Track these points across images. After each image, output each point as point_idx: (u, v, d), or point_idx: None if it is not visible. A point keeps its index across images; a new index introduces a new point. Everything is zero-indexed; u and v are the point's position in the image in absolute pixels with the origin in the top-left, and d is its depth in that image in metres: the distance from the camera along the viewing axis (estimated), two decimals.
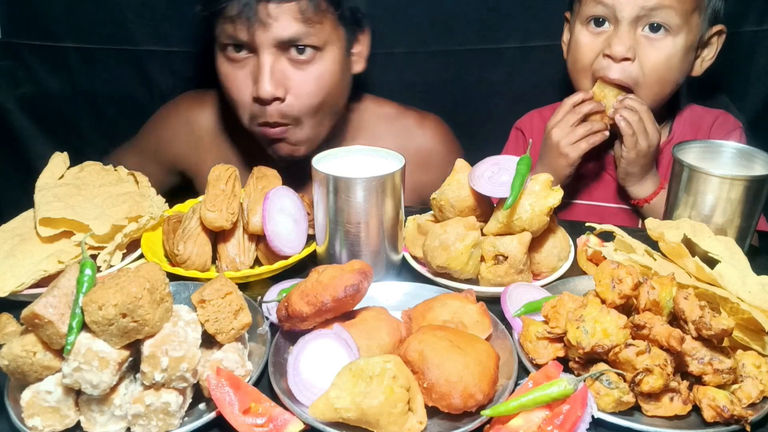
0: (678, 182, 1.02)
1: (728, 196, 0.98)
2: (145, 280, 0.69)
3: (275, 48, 1.16)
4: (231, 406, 0.69)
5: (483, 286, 0.95)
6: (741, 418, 0.70)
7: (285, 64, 1.19)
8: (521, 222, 0.94)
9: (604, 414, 0.72)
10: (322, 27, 1.18)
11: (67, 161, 1.15)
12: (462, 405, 0.69)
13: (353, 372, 0.69)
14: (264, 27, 1.14)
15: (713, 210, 0.99)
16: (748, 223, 1.01)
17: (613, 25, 1.21)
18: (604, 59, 1.21)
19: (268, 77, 1.16)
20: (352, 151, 1.02)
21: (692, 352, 0.73)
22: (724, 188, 0.97)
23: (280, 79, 1.18)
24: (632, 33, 1.19)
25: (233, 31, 1.16)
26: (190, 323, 0.73)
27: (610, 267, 0.78)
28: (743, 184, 0.97)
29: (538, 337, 0.79)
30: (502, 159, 0.99)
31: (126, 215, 1.01)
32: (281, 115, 1.20)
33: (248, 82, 1.20)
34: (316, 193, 0.95)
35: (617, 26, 1.20)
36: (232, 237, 0.99)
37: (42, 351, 0.70)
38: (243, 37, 1.16)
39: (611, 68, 1.21)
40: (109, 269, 0.96)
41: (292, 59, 1.19)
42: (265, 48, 1.16)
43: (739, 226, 1.00)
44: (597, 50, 1.23)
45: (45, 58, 1.55)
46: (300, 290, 0.78)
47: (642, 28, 1.19)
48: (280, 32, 1.15)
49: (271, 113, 1.20)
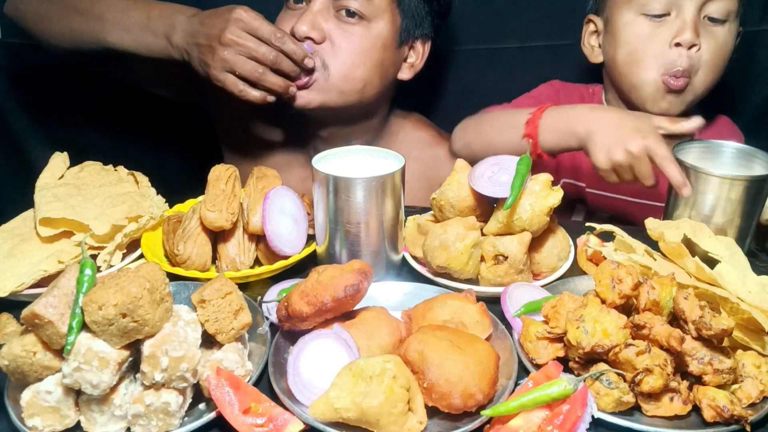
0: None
1: (728, 196, 0.98)
2: (145, 280, 0.69)
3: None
4: (231, 406, 0.69)
5: (483, 286, 0.95)
6: (741, 418, 0.70)
7: (331, 18, 1.20)
8: (521, 222, 0.94)
9: (604, 414, 0.72)
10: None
11: (67, 161, 1.15)
12: (462, 405, 0.69)
13: (353, 372, 0.69)
14: None
15: (713, 210, 0.99)
16: (748, 224, 1.01)
17: (675, 11, 1.19)
18: (673, 49, 1.19)
19: (311, 17, 1.18)
20: (352, 151, 1.02)
21: (692, 352, 0.73)
22: (724, 188, 0.97)
23: (318, 25, 1.19)
24: (698, 18, 1.18)
25: None
26: (190, 323, 0.73)
27: (610, 267, 0.78)
28: (743, 184, 0.97)
29: (538, 337, 0.79)
30: (502, 159, 0.99)
31: (126, 215, 1.01)
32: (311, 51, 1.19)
33: (293, 22, 1.20)
34: (316, 193, 0.95)
35: (680, 12, 1.19)
36: (232, 237, 0.99)
37: (42, 351, 0.70)
38: None
39: (681, 58, 1.19)
40: (109, 269, 0.96)
41: (339, 17, 1.20)
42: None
43: (739, 226, 1.00)
44: (662, 39, 1.20)
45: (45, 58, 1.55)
46: (300, 290, 0.78)
47: (703, 16, 1.19)
48: None
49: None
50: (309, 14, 1.19)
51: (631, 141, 1.00)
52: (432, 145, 1.43)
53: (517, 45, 1.51)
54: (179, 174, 1.50)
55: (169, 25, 1.15)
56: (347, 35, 1.20)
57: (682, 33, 1.18)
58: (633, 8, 1.23)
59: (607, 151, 1.02)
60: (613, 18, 1.27)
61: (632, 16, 1.23)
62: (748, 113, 1.54)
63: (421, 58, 1.34)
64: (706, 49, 1.20)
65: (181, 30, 1.13)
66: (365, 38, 1.21)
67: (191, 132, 1.59)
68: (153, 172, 1.17)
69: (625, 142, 1.00)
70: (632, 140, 1.00)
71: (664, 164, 0.98)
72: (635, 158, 1.00)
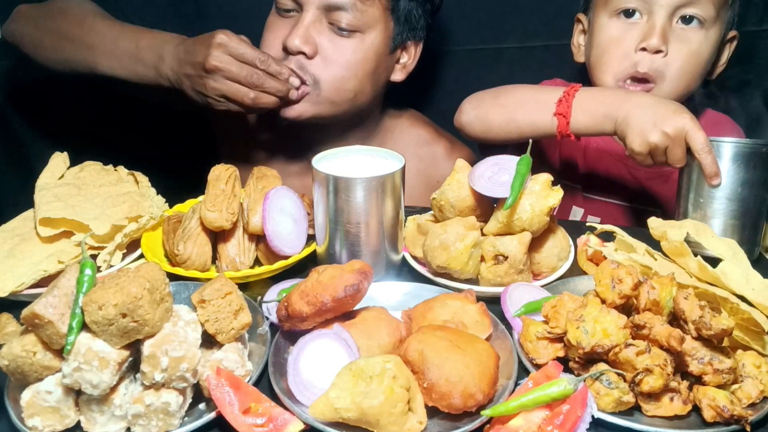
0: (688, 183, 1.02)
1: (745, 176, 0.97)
2: (145, 280, 0.69)
3: (320, 11, 1.18)
4: (231, 406, 0.69)
5: (483, 286, 0.95)
6: (741, 418, 0.70)
7: (324, 30, 1.19)
8: (521, 222, 0.94)
9: (604, 414, 0.72)
10: (371, 7, 1.19)
11: (67, 161, 1.15)
12: (462, 405, 0.69)
13: (353, 372, 0.69)
14: None
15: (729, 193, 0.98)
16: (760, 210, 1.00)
17: (647, 15, 1.18)
18: (638, 53, 1.18)
19: (303, 30, 1.17)
20: (352, 151, 1.02)
21: (692, 352, 0.73)
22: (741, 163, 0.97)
23: (310, 38, 1.18)
24: (668, 24, 1.17)
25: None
26: (190, 323, 0.73)
27: (610, 267, 0.78)
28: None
29: (538, 337, 0.79)
30: (502, 159, 0.99)
31: (126, 215, 1.01)
32: (301, 67, 1.19)
33: (283, 34, 1.20)
34: (316, 193, 0.95)
35: (651, 17, 1.17)
36: (232, 237, 0.99)
37: (42, 351, 0.70)
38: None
39: (643, 61, 1.17)
40: (109, 269, 0.96)
41: (333, 29, 1.19)
42: (310, 6, 1.17)
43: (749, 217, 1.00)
44: (629, 43, 1.19)
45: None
46: (300, 290, 0.78)
47: (676, 20, 1.17)
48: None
49: (289, 63, 1.19)
50: (301, 27, 1.17)
51: (668, 122, 0.99)
52: (429, 142, 1.43)
53: (517, 45, 1.51)
54: (179, 174, 1.50)
55: (158, 56, 1.15)
56: (340, 50, 1.20)
57: (648, 37, 1.16)
58: (608, 10, 1.22)
59: (643, 133, 1.01)
60: (593, 20, 1.27)
61: (607, 18, 1.22)
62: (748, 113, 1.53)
63: (413, 58, 1.34)
64: (676, 56, 1.17)
65: (169, 61, 1.14)
66: (358, 51, 1.21)
67: (191, 132, 1.59)
68: (153, 172, 1.17)
69: (662, 123, 1.00)
70: (669, 121, 0.99)
71: (701, 153, 0.97)
72: (671, 140, 0.99)
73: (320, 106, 1.23)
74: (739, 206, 0.98)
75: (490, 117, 1.21)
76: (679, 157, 1.01)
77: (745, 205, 0.98)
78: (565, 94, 1.11)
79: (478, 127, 1.22)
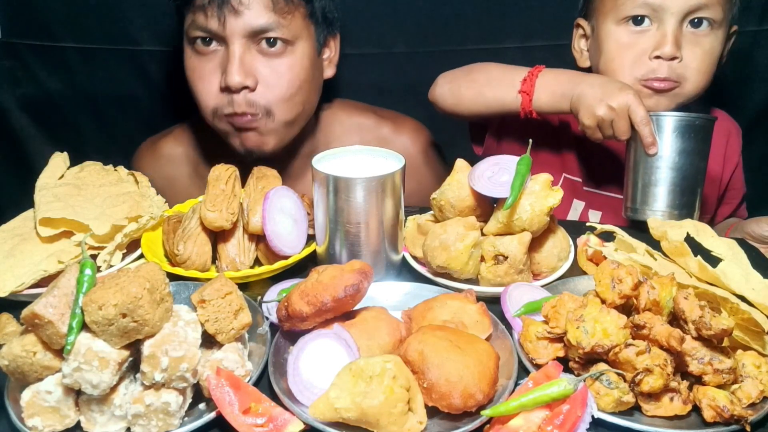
0: (633, 154, 1.12)
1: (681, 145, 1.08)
2: (145, 280, 0.69)
3: (246, 38, 1.16)
4: (231, 406, 0.69)
5: (483, 286, 0.95)
6: (741, 418, 0.70)
7: (255, 55, 1.18)
8: (521, 222, 0.94)
9: (604, 414, 0.72)
10: (293, 20, 1.19)
11: (67, 161, 1.15)
12: (462, 405, 0.69)
13: (353, 372, 0.69)
14: (235, 15, 1.14)
15: (668, 163, 1.09)
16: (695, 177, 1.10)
17: (657, 23, 1.19)
18: (653, 60, 1.19)
19: (238, 65, 1.15)
20: (352, 151, 1.02)
21: (692, 352, 0.73)
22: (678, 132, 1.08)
23: (249, 70, 1.17)
24: (679, 30, 1.18)
25: (204, 20, 1.16)
26: (190, 323, 0.73)
27: (610, 267, 0.78)
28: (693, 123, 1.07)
29: (538, 337, 0.79)
30: (502, 159, 0.99)
31: (126, 215, 1.01)
32: (250, 104, 1.19)
33: (216, 74, 1.19)
34: (316, 193, 0.95)
35: (662, 24, 1.18)
36: (232, 237, 0.99)
37: (42, 351, 0.70)
38: (213, 26, 1.15)
39: (661, 68, 1.19)
40: (109, 269, 0.96)
41: (262, 51, 1.19)
42: (235, 37, 1.15)
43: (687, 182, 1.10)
44: (641, 50, 1.20)
45: (45, 58, 1.55)
46: (300, 290, 0.78)
47: (686, 25, 1.18)
48: (251, 21, 1.15)
49: (239, 102, 1.18)
50: (235, 62, 1.15)
51: (613, 97, 1.08)
52: (372, 127, 1.43)
53: (517, 45, 1.51)
54: None
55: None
56: (277, 71, 1.20)
57: (662, 46, 1.18)
58: (615, 18, 1.23)
59: (592, 108, 1.09)
60: (598, 26, 1.28)
61: (614, 26, 1.23)
62: (748, 113, 1.54)
63: (335, 51, 1.35)
64: (691, 58, 1.19)
65: None
66: (295, 66, 1.21)
67: None
68: None
69: (608, 98, 1.08)
70: (614, 97, 1.08)
71: (640, 124, 1.07)
72: (615, 113, 1.08)
73: (278, 132, 1.24)
74: (677, 173, 1.09)
75: (461, 91, 1.26)
76: (623, 129, 1.09)
77: (683, 172, 1.09)
78: (529, 74, 1.19)
79: (449, 99, 1.27)
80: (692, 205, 1.11)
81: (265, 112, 1.21)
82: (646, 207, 1.11)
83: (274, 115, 1.22)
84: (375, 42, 1.55)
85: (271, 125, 1.22)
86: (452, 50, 1.53)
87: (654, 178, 1.10)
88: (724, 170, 1.38)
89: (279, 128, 1.24)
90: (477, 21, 1.50)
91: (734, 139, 1.39)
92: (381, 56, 1.55)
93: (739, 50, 1.31)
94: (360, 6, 1.51)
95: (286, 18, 1.17)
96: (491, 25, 1.51)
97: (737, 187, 1.41)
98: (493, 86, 1.23)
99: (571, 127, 1.34)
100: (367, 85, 1.58)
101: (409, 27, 1.53)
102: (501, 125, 1.36)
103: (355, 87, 1.56)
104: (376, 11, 1.52)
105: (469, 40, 1.52)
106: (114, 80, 1.57)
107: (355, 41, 1.53)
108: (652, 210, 1.11)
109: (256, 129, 1.22)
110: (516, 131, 1.34)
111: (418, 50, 1.54)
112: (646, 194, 1.11)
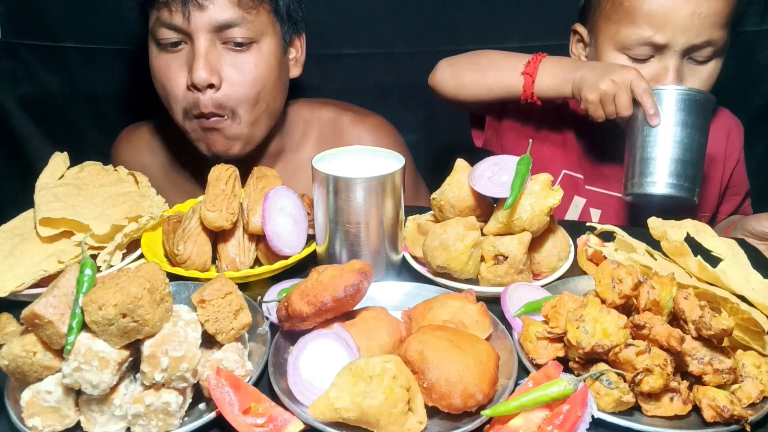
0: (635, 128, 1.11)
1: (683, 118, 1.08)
2: (145, 280, 0.69)
3: (211, 33, 1.17)
4: (231, 406, 0.69)
5: (483, 286, 0.95)
6: (741, 418, 0.70)
7: (221, 51, 1.19)
8: (521, 222, 0.94)
9: (604, 414, 0.72)
10: (258, 16, 1.19)
11: (67, 161, 1.15)
12: (462, 405, 0.69)
13: (353, 372, 0.69)
14: (200, 9, 1.14)
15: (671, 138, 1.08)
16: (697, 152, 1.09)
17: (659, 55, 1.19)
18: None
19: (203, 62, 1.16)
20: (352, 151, 1.02)
21: (692, 352, 0.73)
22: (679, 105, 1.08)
23: (215, 66, 1.17)
24: (681, 63, 1.19)
25: (168, 16, 1.16)
26: (190, 323, 0.73)
27: (610, 267, 0.78)
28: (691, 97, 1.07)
29: (538, 337, 0.79)
30: (503, 159, 0.99)
31: (126, 215, 1.01)
32: (216, 104, 1.19)
33: (183, 72, 1.19)
34: (316, 193, 0.95)
35: (663, 57, 1.18)
36: (232, 237, 0.99)
37: (42, 351, 0.70)
38: (178, 22, 1.15)
39: None
40: (109, 269, 0.96)
41: (227, 48, 1.19)
42: (200, 33, 1.16)
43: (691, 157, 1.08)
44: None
45: (45, 58, 1.55)
46: (300, 290, 0.78)
47: (687, 57, 1.19)
48: (216, 15, 1.15)
49: (205, 103, 1.18)
50: (200, 58, 1.16)
51: (616, 73, 1.11)
52: (332, 119, 1.43)
53: (517, 45, 1.51)
54: None
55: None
56: (242, 69, 1.20)
57: (663, 79, 1.19)
58: (616, 46, 1.22)
59: (595, 83, 1.11)
60: (598, 44, 1.27)
61: (615, 53, 1.23)
62: (748, 113, 1.54)
63: (301, 50, 1.35)
64: (695, 81, 1.20)
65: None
66: (260, 63, 1.21)
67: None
68: None
69: (611, 74, 1.11)
70: (617, 72, 1.11)
71: (643, 95, 1.08)
72: (618, 87, 1.09)
73: (243, 135, 1.24)
74: (679, 146, 1.08)
75: (463, 74, 1.27)
76: (626, 104, 1.10)
77: (685, 145, 1.08)
78: (532, 57, 1.22)
79: (450, 83, 1.28)
80: (694, 179, 1.09)
81: (231, 114, 1.21)
82: (648, 179, 1.08)
83: (239, 117, 1.22)
84: (375, 42, 1.55)
85: (237, 128, 1.23)
86: (452, 50, 1.53)
87: (656, 152, 1.08)
88: (725, 166, 1.38)
89: (244, 130, 1.24)
90: (477, 21, 1.51)
91: (735, 135, 1.39)
92: (381, 56, 1.55)
93: (739, 50, 1.31)
94: (360, 6, 1.51)
95: (251, 13, 1.18)
96: (491, 25, 1.51)
97: (739, 184, 1.41)
98: (495, 70, 1.24)
99: (572, 121, 1.34)
100: (367, 85, 1.58)
101: (410, 27, 1.53)
102: (502, 112, 1.36)
103: (355, 87, 1.57)
104: (377, 11, 1.52)
105: (469, 40, 1.52)
106: (114, 80, 1.57)
107: (355, 41, 1.53)
108: (654, 182, 1.08)
109: (221, 131, 1.23)
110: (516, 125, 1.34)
111: (418, 50, 1.54)
112: (648, 167, 1.09)
